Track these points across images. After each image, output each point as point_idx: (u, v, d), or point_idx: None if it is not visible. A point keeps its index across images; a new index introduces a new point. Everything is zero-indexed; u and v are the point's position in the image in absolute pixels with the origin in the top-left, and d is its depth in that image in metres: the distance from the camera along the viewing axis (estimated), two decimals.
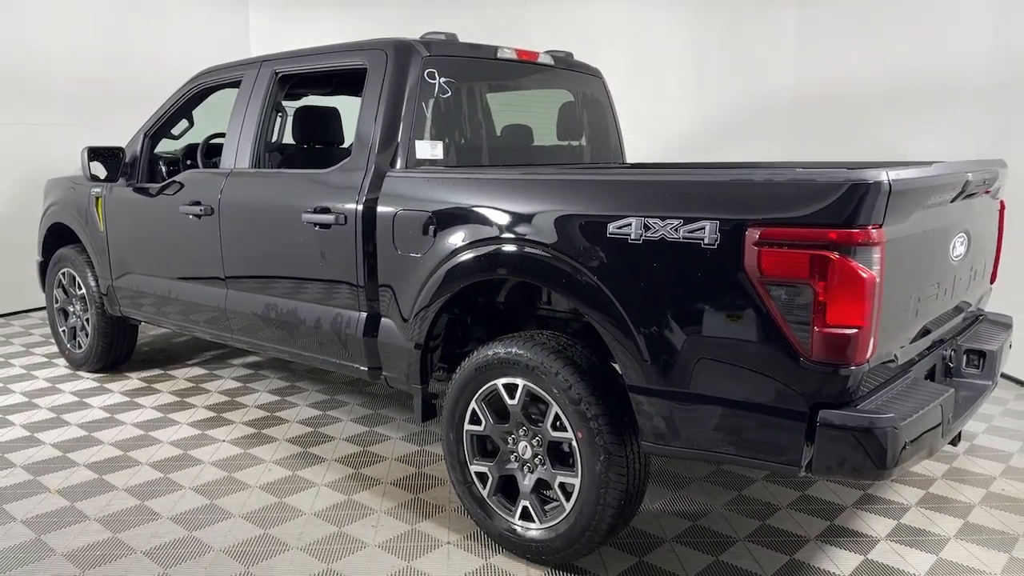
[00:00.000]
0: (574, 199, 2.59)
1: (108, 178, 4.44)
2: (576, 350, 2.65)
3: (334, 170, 3.38)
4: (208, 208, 3.87)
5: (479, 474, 2.90)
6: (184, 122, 4.59)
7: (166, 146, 4.70)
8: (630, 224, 2.37)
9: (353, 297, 3.31)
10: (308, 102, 4.61)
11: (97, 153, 4.39)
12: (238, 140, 3.85)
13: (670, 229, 2.29)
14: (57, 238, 5.14)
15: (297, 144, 4.42)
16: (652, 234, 2.32)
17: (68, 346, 5.17)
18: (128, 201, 4.47)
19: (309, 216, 3.35)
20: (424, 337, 3.04)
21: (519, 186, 2.79)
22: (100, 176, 4.44)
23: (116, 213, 4.55)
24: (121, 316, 4.76)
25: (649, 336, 2.36)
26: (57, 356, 5.43)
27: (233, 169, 3.85)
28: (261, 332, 3.80)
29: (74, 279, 5.01)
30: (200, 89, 4.28)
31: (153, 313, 4.50)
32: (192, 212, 3.94)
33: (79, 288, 4.98)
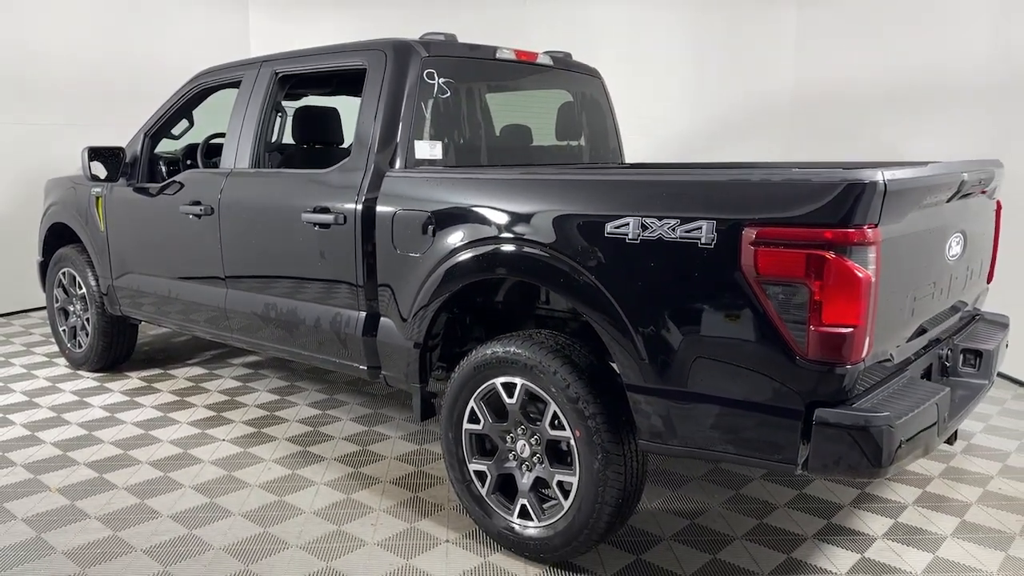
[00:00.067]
0: (572, 199, 2.60)
1: (108, 178, 4.45)
2: (574, 349, 2.66)
3: (333, 170, 3.40)
4: (208, 208, 3.88)
5: (478, 473, 2.91)
6: (184, 122, 4.60)
7: (166, 146, 4.71)
8: (628, 224, 2.38)
9: (352, 296, 3.32)
10: (308, 102, 4.63)
11: (97, 153, 4.41)
12: (238, 140, 3.86)
13: (667, 229, 2.30)
14: (57, 238, 5.15)
15: (297, 144, 4.43)
16: (649, 234, 2.34)
17: (68, 345, 5.19)
18: (128, 201, 4.48)
19: (309, 216, 3.37)
20: (423, 336, 3.06)
21: (518, 186, 2.80)
22: (100, 176, 4.45)
23: (116, 213, 4.57)
24: (121, 316, 4.78)
25: (646, 335, 2.38)
26: (57, 355, 5.44)
27: (233, 169, 3.86)
28: (261, 331, 3.81)
29: (74, 279, 5.03)
30: (200, 89, 4.29)
31: (153, 313, 4.51)
32: (192, 212, 3.96)
33: (79, 288, 4.99)
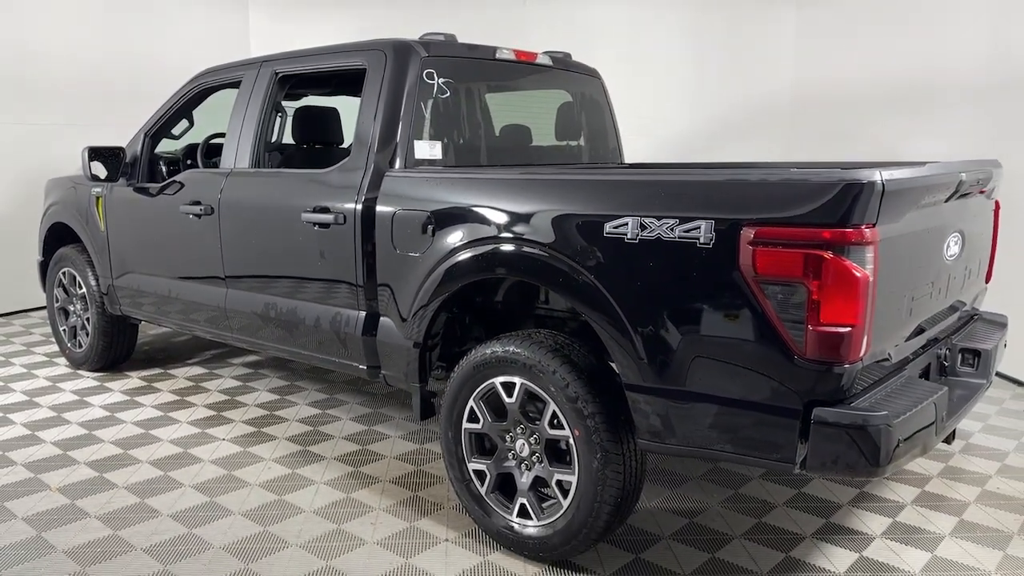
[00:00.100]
0: (571, 199, 2.61)
1: (108, 178, 4.45)
2: (573, 349, 2.66)
3: (333, 170, 3.40)
4: (208, 208, 3.89)
5: (477, 472, 2.92)
6: (184, 122, 4.60)
7: (166, 146, 4.72)
8: (626, 224, 2.39)
9: (352, 296, 3.33)
10: (308, 102, 4.63)
11: (98, 153, 4.41)
12: (238, 140, 3.86)
13: (666, 229, 2.31)
14: (58, 238, 5.16)
15: (297, 144, 4.44)
16: (648, 234, 2.34)
17: (69, 345, 5.19)
18: (128, 201, 4.49)
19: (308, 216, 3.37)
20: (423, 336, 3.06)
21: (517, 186, 2.81)
22: (100, 176, 4.45)
23: (116, 213, 4.57)
24: (121, 315, 4.78)
25: (645, 335, 2.38)
26: (57, 355, 5.45)
27: (233, 169, 3.87)
28: (261, 331, 3.82)
29: (75, 278, 5.03)
30: (200, 89, 4.30)
31: (153, 312, 4.52)
32: (192, 212, 3.96)
33: (79, 287, 5.00)
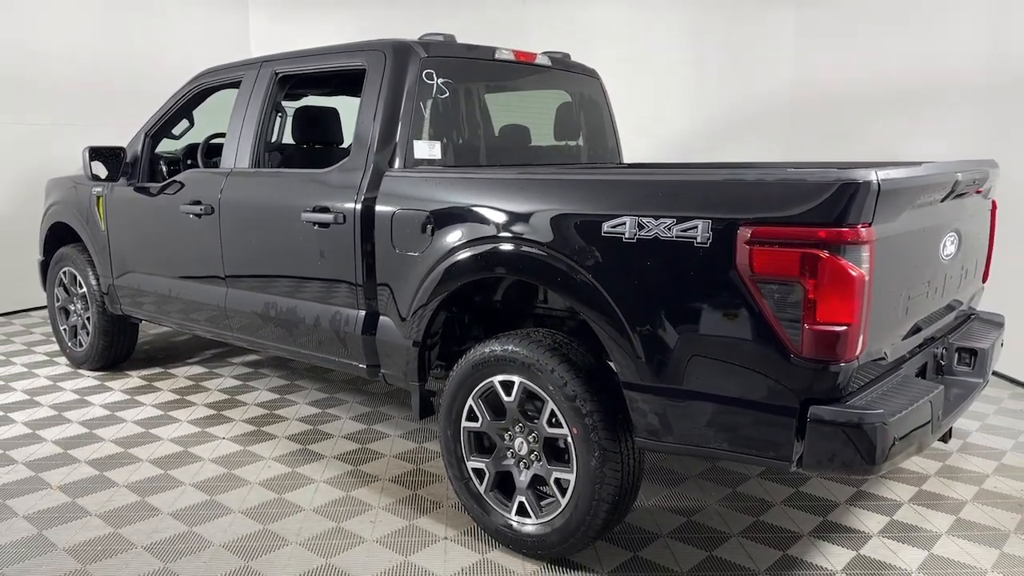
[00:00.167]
0: (569, 198, 2.62)
1: (109, 178, 4.47)
2: (572, 348, 2.68)
3: (333, 170, 3.41)
4: (208, 207, 3.90)
5: (476, 470, 2.93)
6: (184, 122, 4.62)
7: (167, 146, 4.73)
8: (624, 223, 2.40)
9: (352, 295, 3.34)
10: (308, 102, 4.65)
11: (98, 153, 4.43)
12: (238, 140, 3.88)
13: (663, 228, 2.32)
14: (58, 237, 5.17)
15: (297, 144, 4.45)
16: (646, 233, 2.36)
17: (69, 344, 5.20)
18: (129, 200, 4.50)
19: (308, 215, 3.38)
20: (422, 335, 3.07)
21: (516, 186, 2.82)
22: (101, 176, 4.47)
23: (117, 212, 4.58)
24: (122, 315, 4.79)
25: (643, 334, 2.40)
26: (58, 354, 5.46)
27: (233, 169, 3.88)
28: (261, 330, 3.83)
29: (75, 278, 5.05)
30: (200, 89, 4.31)
31: (154, 312, 4.53)
32: (192, 211, 3.98)
33: (80, 287, 5.01)
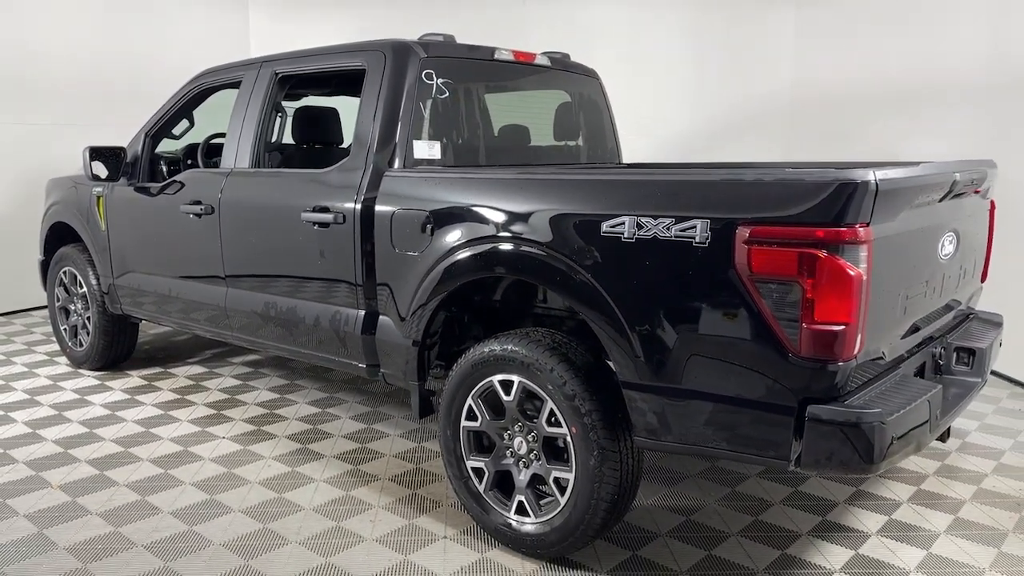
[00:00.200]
0: (569, 198, 2.63)
1: (109, 177, 4.47)
2: (571, 347, 2.68)
3: (333, 170, 3.42)
4: (208, 207, 3.91)
5: (475, 469, 2.94)
6: (185, 122, 4.62)
7: (167, 146, 4.74)
8: (623, 223, 2.41)
9: (351, 295, 3.34)
10: (308, 102, 4.65)
11: (98, 153, 4.43)
12: (238, 140, 3.88)
13: (662, 228, 2.33)
14: (58, 237, 5.17)
15: (297, 144, 4.46)
16: (645, 233, 2.36)
17: (69, 344, 5.21)
18: (129, 200, 4.51)
19: (308, 215, 3.39)
20: (421, 334, 3.08)
21: (515, 186, 2.83)
22: (101, 176, 4.47)
23: (117, 212, 4.59)
24: (122, 314, 4.80)
25: (642, 333, 2.40)
26: (58, 354, 5.47)
27: (233, 169, 3.88)
28: (261, 330, 3.84)
29: (75, 278, 5.05)
30: (201, 89, 4.32)
31: (154, 311, 4.54)
32: (193, 211, 3.98)
33: (80, 287, 5.02)
